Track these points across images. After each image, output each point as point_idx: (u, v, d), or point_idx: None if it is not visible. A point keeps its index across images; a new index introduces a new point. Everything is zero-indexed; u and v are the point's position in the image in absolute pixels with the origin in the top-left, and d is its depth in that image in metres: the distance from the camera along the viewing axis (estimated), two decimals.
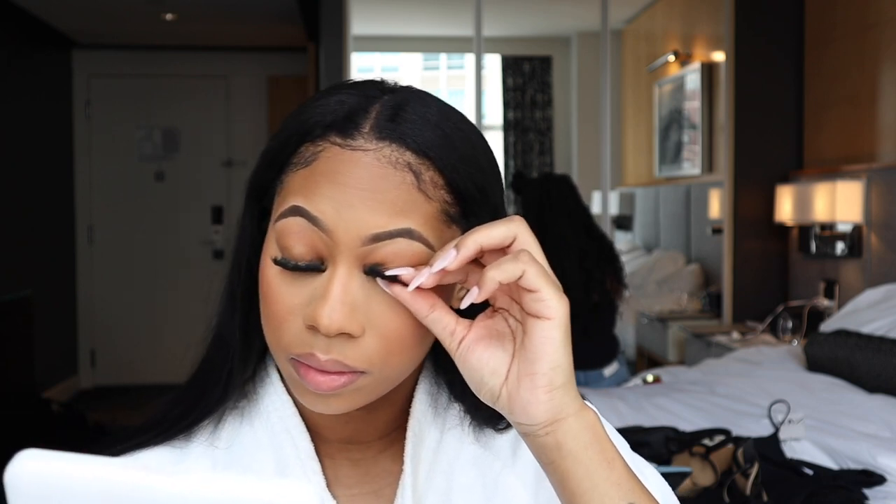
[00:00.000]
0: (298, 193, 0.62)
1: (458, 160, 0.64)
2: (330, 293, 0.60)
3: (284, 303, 0.62)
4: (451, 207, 0.64)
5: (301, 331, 0.61)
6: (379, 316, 0.61)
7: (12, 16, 5.10)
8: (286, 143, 0.65)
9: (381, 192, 0.61)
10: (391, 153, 0.62)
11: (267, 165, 0.66)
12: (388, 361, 0.63)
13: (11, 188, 5.12)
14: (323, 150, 0.63)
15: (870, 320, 2.89)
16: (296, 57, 6.06)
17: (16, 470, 0.38)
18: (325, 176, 0.61)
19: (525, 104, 6.17)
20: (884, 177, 3.47)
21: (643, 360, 4.90)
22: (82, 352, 6.23)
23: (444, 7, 5.72)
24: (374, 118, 0.63)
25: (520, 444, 0.73)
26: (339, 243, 0.61)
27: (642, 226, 5.99)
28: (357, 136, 0.62)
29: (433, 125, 0.63)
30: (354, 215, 0.60)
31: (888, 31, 3.54)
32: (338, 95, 0.65)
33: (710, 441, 1.93)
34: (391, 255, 0.61)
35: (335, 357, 0.61)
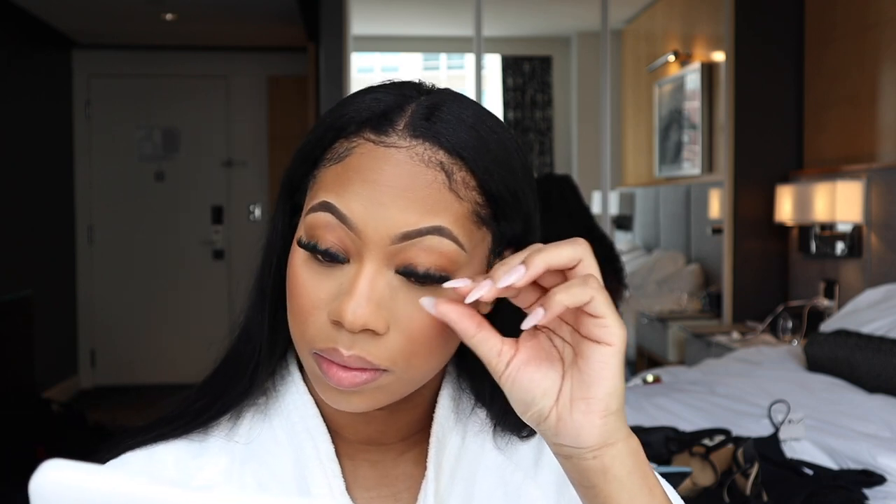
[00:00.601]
0: (330, 189, 0.62)
1: (492, 162, 0.63)
2: (356, 288, 0.60)
3: (310, 296, 0.62)
4: (482, 209, 0.63)
5: (325, 325, 0.62)
6: (405, 315, 0.61)
7: (12, 16, 5.10)
8: (321, 139, 0.65)
9: (411, 190, 0.61)
10: (424, 151, 0.62)
11: (301, 161, 0.67)
12: (412, 362, 0.62)
13: (11, 188, 5.12)
14: (357, 146, 0.63)
15: (870, 320, 2.89)
16: (296, 57, 6.06)
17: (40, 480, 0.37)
18: (357, 173, 0.62)
19: (525, 104, 6.17)
20: (884, 177, 3.47)
21: (643, 360, 4.90)
22: (82, 352, 6.23)
23: (444, 7, 5.72)
24: (409, 116, 0.63)
25: (542, 454, 0.73)
26: (368, 241, 0.61)
27: (642, 226, 5.99)
28: (391, 133, 0.62)
29: (468, 126, 0.63)
30: (384, 213, 0.60)
31: (888, 31, 3.54)
32: (374, 94, 0.65)
33: (710, 441, 1.93)
34: (421, 253, 0.61)
35: (358, 353, 0.61)
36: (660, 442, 1.93)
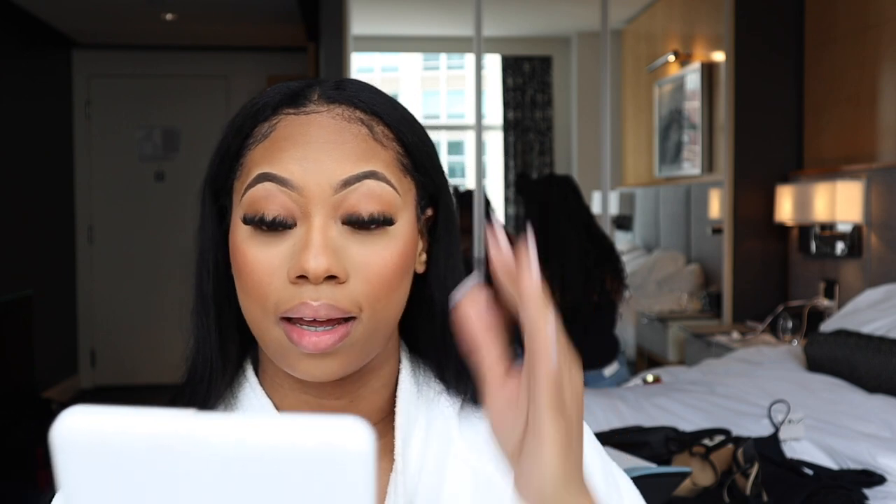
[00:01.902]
0: (262, 163, 0.65)
1: (402, 118, 0.69)
2: (311, 241, 0.63)
3: (263, 265, 0.64)
4: (403, 158, 0.68)
5: (286, 287, 0.63)
6: (360, 261, 0.64)
7: (12, 16, 5.10)
8: (238, 132, 0.68)
9: (340, 143, 0.65)
10: (342, 111, 0.67)
11: (220, 162, 0.70)
12: (375, 306, 0.65)
13: (11, 188, 5.12)
14: (278, 121, 0.67)
15: (870, 320, 2.89)
16: (296, 57, 6.06)
17: (63, 427, 0.37)
18: (285, 140, 0.65)
19: (525, 104, 6.17)
20: (884, 177, 3.47)
21: (643, 360, 4.90)
22: (82, 352, 6.23)
23: (444, 7, 5.72)
24: (319, 90, 0.68)
25: None
26: (312, 197, 0.64)
27: (642, 226, 5.99)
28: (308, 104, 0.67)
29: (374, 92, 0.69)
30: (321, 167, 0.64)
31: (888, 31, 3.54)
32: (278, 86, 0.69)
33: (710, 441, 1.93)
34: (363, 198, 0.64)
35: (326, 301, 0.62)
36: (660, 442, 1.93)
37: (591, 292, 3.02)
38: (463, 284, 0.63)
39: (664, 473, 1.65)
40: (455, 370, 0.72)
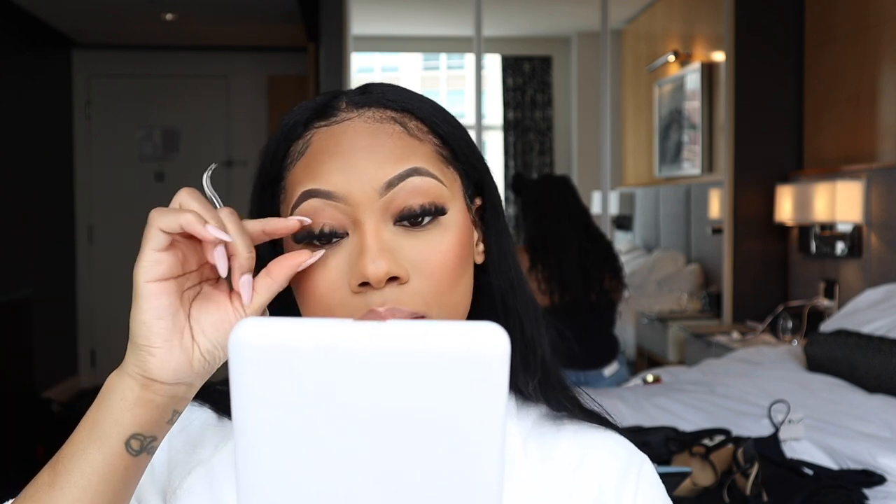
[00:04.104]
0: (304, 180, 0.65)
1: (433, 110, 0.69)
2: (366, 245, 0.62)
3: (324, 280, 0.64)
4: (442, 149, 0.68)
5: (351, 298, 0.63)
6: (418, 258, 0.64)
7: (12, 16, 5.09)
8: (274, 156, 0.68)
9: (377, 145, 0.65)
10: (373, 114, 0.67)
11: (262, 188, 0.70)
12: (442, 300, 0.64)
13: (11, 188, 5.12)
14: (311, 136, 0.67)
15: (870, 320, 2.89)
16: (296, 57, 6.06)
17: (238, 336, 0.41)
18: (322, 153, 0.65)
19: (525, 104, 6.17)
20: (884, 177, 3.47)
21: (643, 360, 4.90)
22: (82, 352, 6.23)
23: (444, 7, 5.72)
24: (345, 99, 0.68)
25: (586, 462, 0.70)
26: (359, 204, 0.63)
27: (642, 226, 5.99)
28: (338, 113, 0.67)
29: (400, 89, 0.69)
30: (362, 173, 0.63)
31: (888, 31, 3.54)
32: (304, 103, 0.69)
33: (710, 441, 1.93)
34: (410, 196, 0.64)
35: (391, 305, 0.62)
36: (660, 442, 1.93)
37: (590, 292, 3.02)
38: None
39: (664, 473, 1.65)
40: (522, 357, 0.71)
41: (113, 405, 0.59)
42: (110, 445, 0.58)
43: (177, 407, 0.61)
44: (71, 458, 0.59)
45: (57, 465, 0.59)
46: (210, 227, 0.58)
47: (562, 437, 0.71)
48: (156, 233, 0.59)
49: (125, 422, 0.59)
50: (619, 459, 0.70)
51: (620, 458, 0.70)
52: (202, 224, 0.58)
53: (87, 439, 0.59)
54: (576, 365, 3.06)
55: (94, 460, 0.58)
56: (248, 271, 0.60)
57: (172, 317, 0.59)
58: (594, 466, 0.70)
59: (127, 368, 0.60)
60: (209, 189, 0.66)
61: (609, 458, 0.70)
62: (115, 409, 0.59)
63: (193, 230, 0.58)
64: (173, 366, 0.59)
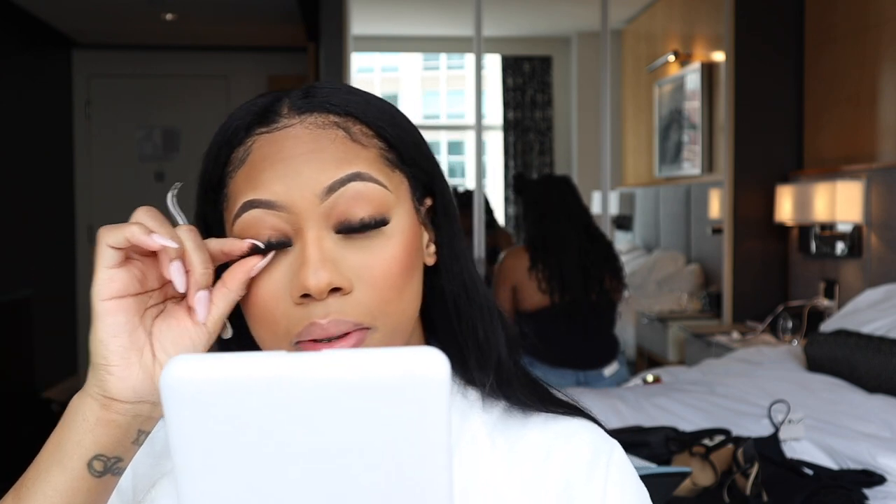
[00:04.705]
0: (245, 190, 0.64)
1: (379, 113, 0.67)
2: (307, 257, 0.61)
3: (268, 291, 0.63)
4: (387, 153, 0.66)
5: (293, 309, 0.62)
6: (362, 267, 0.62)
7: (12, 16, 5.09)
8: (215, 162, 0.68)
9: (318, 150, 0.63)
10: (315, 119, 0.65)
11: (204, 194, 0.69)
12: (387, 309, 0.63)
13: (11, 188, 5.12)
14: (252, 143, 0.65)
15: (870, 320, 2.89)
16: (296, 57, 6.06)
17: (168, 376, 0.40)
18: (263, 161, 0.64)
19: (525, 104, 6.17)
20: (884, 177, 3.47)
21: (643, 360, 4.90)
22: (82, 352, 6.22)
23: (444, 7, 5.72)
24: (288, 103, 0.66)
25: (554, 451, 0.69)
26: (300, 212, 0.62)
27: (642, 226, 5.99)
28: (279, 119, 0.65)
29: (345, 92, 0.67)
30: (303, 180, 0.62)
31: (888, 31, 3.54)
32: (247, 105, 0.68)
33: (710, 441, 1.93)
34: (351, 202, 0.62)
35: (335, 317, 0.61)
36: (660, 442, 1.93)
37: (590, 292, 3.02)
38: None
39: (664, 473, 1.65)
40: (476, 359, 0.70)
41: (74, 426, 0.59)
42: (72, 468, 0.58)
43: (142, 427, 0.60)
44: (35, 480, 0.58)
45: (21, 488, 0.59)
46: (155, 236, 0.58)
47: (529, 428, 0.70)
48: (104, 249, 0.58)
49: (86, 443, 0.58)
50: (587, 447, 0.69)
51: (589, 446, 0.69)
52: (147, 234, 0.58)
53: (49, 461, 0.58)
54: (576, 365, 3.06)
55: (56, 483, 0.58)
56: (203, 287, 0.60)
57: (130, 334, 0.59)
58: (562, 455, 0.68)
59: (88, 389, 0.59)
60: (173, 207, 0.67)
61: (577, 446, 0.69)
62: (77, 431, 0.58)
63: (138, 241, 0.57)
64: (132, 384, 0.58)
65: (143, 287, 0.60)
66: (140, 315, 0.60)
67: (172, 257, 0.59)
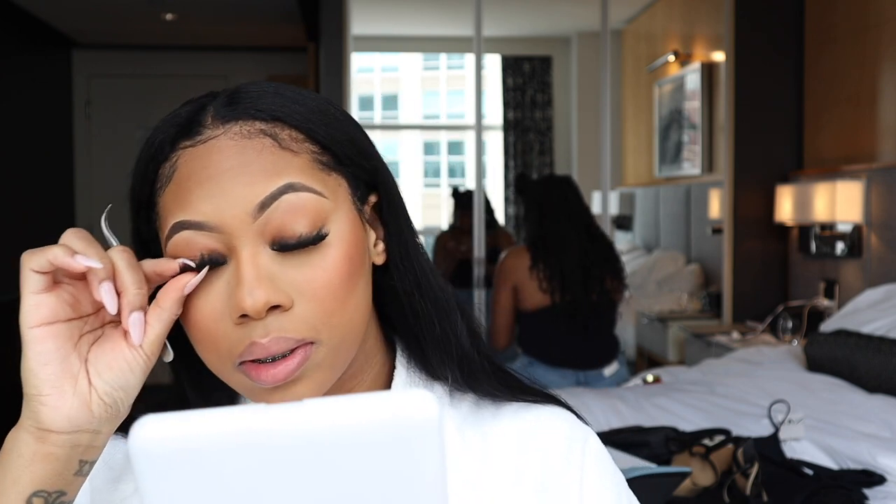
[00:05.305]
0: (174, 210, 0.61)
1: (309, 114, 0.63)
2: (242, 276, 0.59)
3: (207, 313, 0.60)
4: (321, 156, 0.63)
5: (233, 329, 0.60)
6: (302, 281, 0.60)
7: (12, 16, 5.10)
8: (143, 178, 0.64)
9: (246, 164, 0.60)
10: (240, 129, 0.61)
11: (136, 213, 0.66)
12: (332, 321, 0.61)
13: (11, 188, 5.12)
14: (177, 158, 0.62)
15: (870, 320, 2.89)
16: (296, 57, 6.06)
17: (138, 437, 0.37)
18: (189, 179, 0.60)
19: (525, 104, 6.17)
20: (884, 177, 3.47)
21: (643, 360, 4.90)
22: None
23: (444, 7, 5.72)
24: (212, 111, 0.63)
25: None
26: (232, 230, 0.59)
27: (642, 226, 5.99)
28: (203, 131, 0.62)
29: (272, 94, 0.63)
30: (232, 196, 0.59)
31: (888, 31, 3.54)
32: (172, 114, 0.65)
33: (710, 441, 1.93)
34: (286, 216, 0.59)
35: (276, 335, 0.59)
36: (660, 442, 1.93)
37: (591, 292, 3.02)
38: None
39: (664, 473, 1.65)
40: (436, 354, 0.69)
41: (10, 464, 0.56)
42: None
43: (84, 457, 0.57)
44: None
45: None
46: (79, 257, 0.55)
47: (501, 419, 0.69)
48: (29, 274, 0.56)
49: (24, 481, 0.55)
50: (561, 436, 0.68)
51: (563, 435, 0.68)
52: (71, 255, 0.55)
53: None
54: (576, 365, 3.06)
55: None
56: (137, 308, 0.57)
57: (61, 362, 0.56)
58: (536, 444, 0.68)
59: (22, 422, 0.57)
60: (106, 229, 0.64)
61: (551, 434, 0.68)
62: (13, 468, 0.56)
63: (62, 263, 0.55)
64: (67, 413, 0.56)
65: (75, 312, 0.58)
66: (73, 341, 0.57)
67: (101, 278, 0.56)
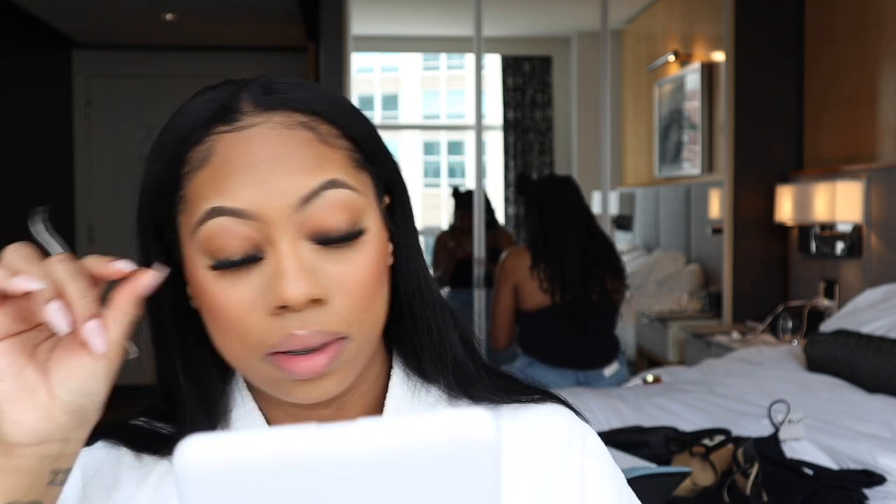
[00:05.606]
0: (209, 195, 0.60)
1: (343, 110, 0.64)
2: (284, 267, 0.58)
3: (239, 303, 0.60)
4: (355, 153, 0.63)
5: (268, 321, 0.59)
6: (338, 276, 0.60)
7: (12, 16, 5.10)
8: (169, 162, 0.62)
9: (288, 155, 0.59)
10: (281, 119, 0.61)
11: (156, 196, 0.64)
12: (362, 317, 0.61)
13: (11, 188, 5.12)
14: (214, 142, 0.61)
15: (870, 320, 2.89)
16: (296, 57, 6.06)
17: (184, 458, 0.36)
18: (228, 165, 0.59)
19: (525, 104, 6.17)
20: (884, 177, 3.47)
21: (643, 360, 4.90)
22: None
23: (444, 7, 5.72)
24: (249, 98, 0.62)
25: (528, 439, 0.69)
26: (272, 222, 0.59)
27: (642, 226, 5.99)
28: (242, 117, 0.61)
29: (307, 87, 0.63)
30: (275, 188, 0.59)
31: (888, 31, 3.54)
32: (199, 100, 0.63)
33: (710, 441, 1.93)
34: (327, 211, 0.59)
35: (314, 328, 0.59)
36: (660, 442, 1.93)
37: (592, 292, 3.02)
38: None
39: (664, 473, 1.65)
40: (431, 360, 0.69)
41: None
42: None
43: (55, 466, 0.56)
44: None
45: None
46: (20, 280, 0.53)
47: (501, 418, 0.69)
48: None
49: None
50: (561, 434, 0.69)
51: (563, 433, 0.69)
52: (8, 278, 0.53)
53: None
54: (576, 365, 3.06)
55: None
56: (90, 317, 0.54)
57: (16, 377, 0.55)
58: (536, 443, 0.68)
59: None
60: (43, 236, 0.61)
61: (550, 433, 0.69)
62: None
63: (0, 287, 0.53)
64: (31, 426, 0.55)
65: (27, 323, 0.55)
66: (28, 354, 0.56)
67: (46, 298, 0.53)
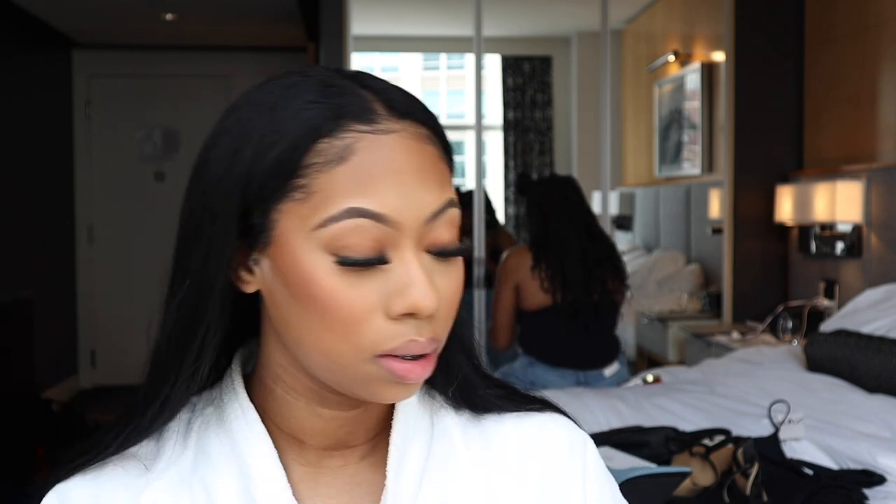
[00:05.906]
0: (350, 193, 0.59)
1: (438, 126, 0.65)
2: (416, 277, 0.60)
3: (360, 303, 0.60)
4: (450, 174, 0.65)
5: (388, 325, 0.60)
6: (443, 289, 0.62)
7: (12, 16, 5.09)
8: (293, 146, 0.60)
9: (424, 170, 0.61)
10: (414, 130, 0.62)
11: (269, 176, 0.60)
12: (446, 331, 0.64)
13: (11, 188, 5.12)
14: (353, 140, 0.60)
15: (870, 320, 2.89)
16: (296, 57, 6.06)
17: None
18: (374, 167, 0.59)
19: (525, 104, 6.17)
20: (884, 177, 3.47)
21: (643, 360, 4.90)
22: (82, 352, 6.23)
23: (444, 7, 5.72)
24: (377, 100, 0.62)
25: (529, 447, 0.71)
26: (405, 230, 0.60)
27: (642, 226, 5.99)
28: (379, 120, 0.61)
29: (415, 98, 0.64)
30: (415, 199, 0.60)
31: (888, 31, 3.54)
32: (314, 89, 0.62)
33: (710, 441, 1.93)
34: (444, 227, 0.62)
35: (429, 335, 0.61)
36: (660, 442, 1.93)
37: (592, 292, 3.02)
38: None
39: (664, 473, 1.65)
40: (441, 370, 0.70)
41: None
42: None
43: None
44: None
45: None
46: None
47: (502, 426, 0.72)
48: None
49: None
50: (562, 442, 0.71)
51: (563, 441, 0.71)
52: None
53: None
54: (576, 365, 3.06)
55: None
56: None
57: None
58: (537, 452, 0.70)
59: None
60: None
61: (550, 441, 0.71)
62: None
63: None
64: None
65: None
66: None
67: None
